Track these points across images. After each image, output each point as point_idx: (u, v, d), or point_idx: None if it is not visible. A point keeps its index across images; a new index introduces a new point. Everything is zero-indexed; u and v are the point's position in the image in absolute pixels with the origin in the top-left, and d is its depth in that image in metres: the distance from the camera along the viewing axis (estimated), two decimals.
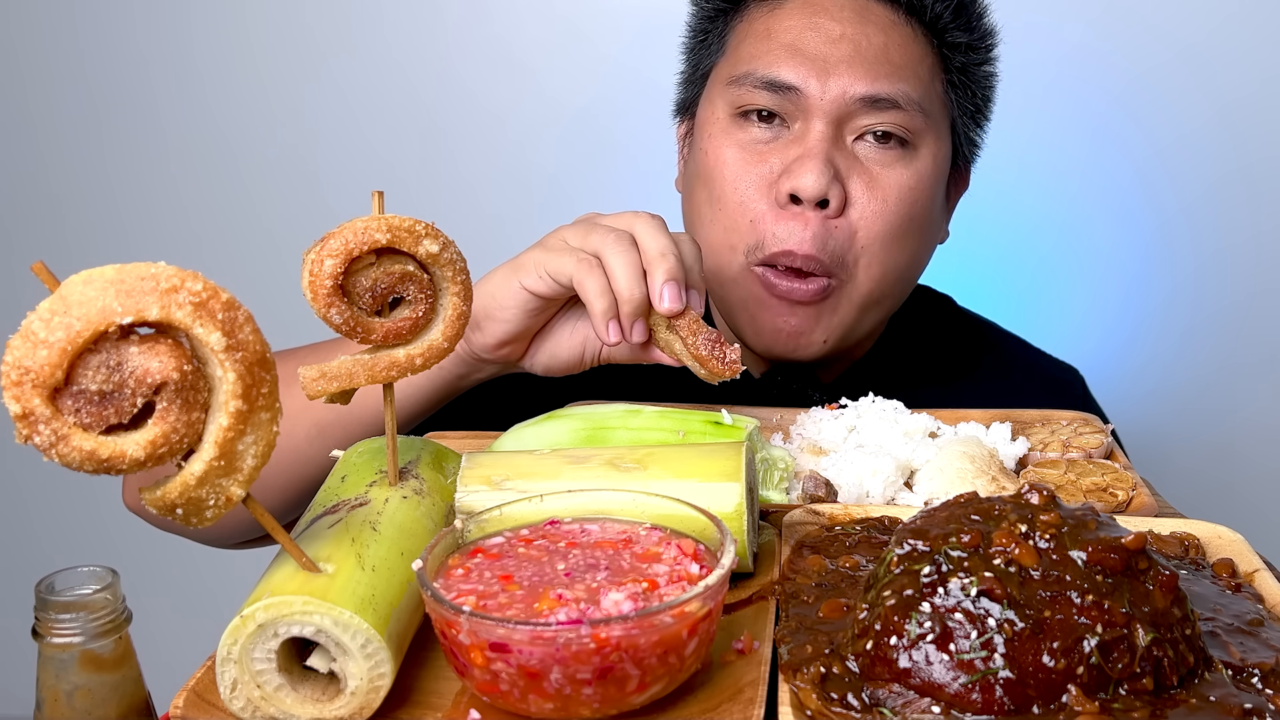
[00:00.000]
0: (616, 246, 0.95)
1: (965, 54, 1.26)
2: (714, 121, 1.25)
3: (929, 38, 1.24)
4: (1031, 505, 0.68)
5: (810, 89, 1.18)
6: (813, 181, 1.16)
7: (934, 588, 0.63)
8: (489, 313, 1.01)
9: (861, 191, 1.20)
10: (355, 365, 0.73)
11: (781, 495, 0.97)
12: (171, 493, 0.59)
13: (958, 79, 1.26)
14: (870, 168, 1.20)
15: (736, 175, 1.21)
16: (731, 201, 1.21)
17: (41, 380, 0.54)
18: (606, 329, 0.94)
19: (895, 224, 1.21)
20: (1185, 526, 0.84)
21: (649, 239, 0.95)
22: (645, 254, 0.94)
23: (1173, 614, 0.63)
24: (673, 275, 0.93)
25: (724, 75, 1.26)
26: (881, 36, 1.20)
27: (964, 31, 1.25)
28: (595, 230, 0.97)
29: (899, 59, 1.20)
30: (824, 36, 1.20)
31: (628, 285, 0.93)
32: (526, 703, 0.62)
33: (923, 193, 1.23)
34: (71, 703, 0.67)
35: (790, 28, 1.21)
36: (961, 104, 1.28)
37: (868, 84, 1.18)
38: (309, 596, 0.62)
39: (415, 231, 0.72)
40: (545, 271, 0.97)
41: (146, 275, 0.56)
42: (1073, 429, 1.09)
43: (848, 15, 1.21)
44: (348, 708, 0.64)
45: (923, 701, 0.61)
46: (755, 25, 1.25)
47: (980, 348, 1.48)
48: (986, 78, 1.30)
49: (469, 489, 0.79)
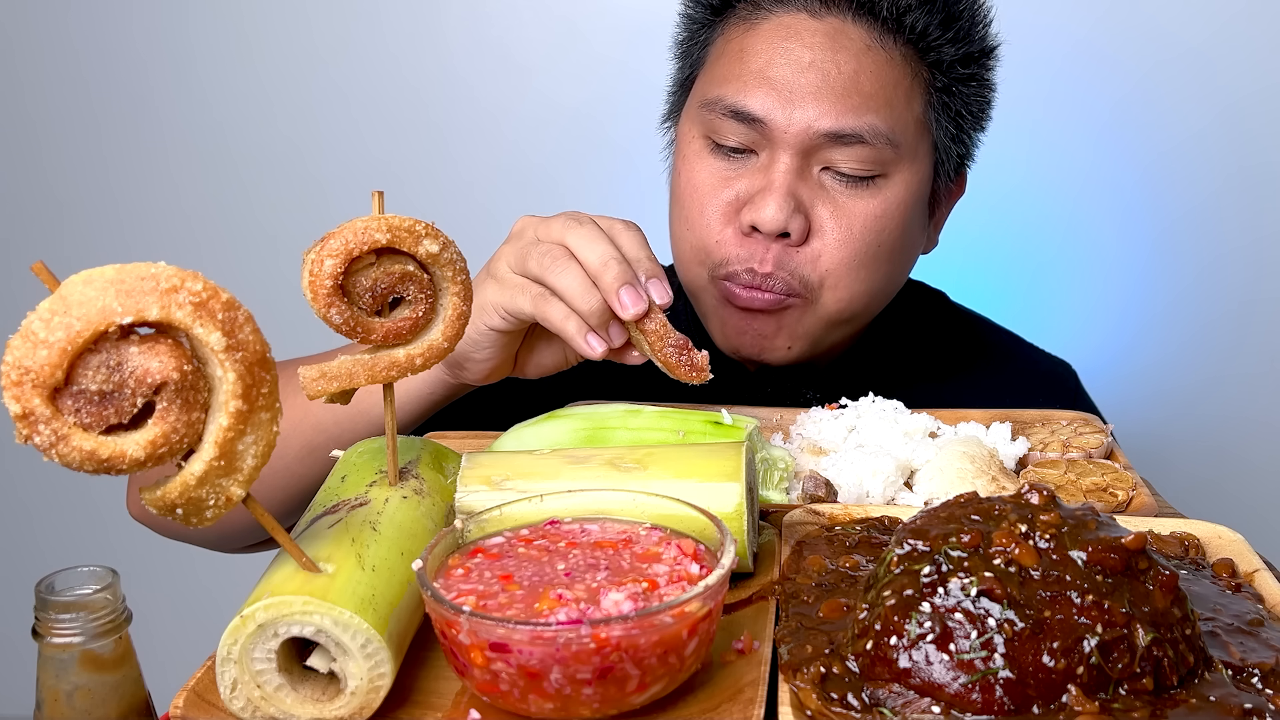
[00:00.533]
0: (555, 267, 0.94)
1: (955, 69, 1.22)
2: (688, 143, 1.25)
3: (911, 57, 1.20)
4: (1031, 505, 0.68)
5: (775, 120, 1.16)
6: (772, 215, 1.15)
7: (934, 588, 0.63)
8: (467, 355, 1.03)
9: (826, 218, 1.19)
10: (355, 365, 0.73)
11: (781, 495, 0.97)
12: (171, 493, 0.59)
13: (943, 98, 1.23)
14: (836, 197, 1.19)
15: (704, 200, 1.22)
16: (699, 224, 1.22)
17: (41, 380, 0.54)
18: (587, 344, 0.94)
19: (861, 250, 1.20)
20: (1185, 526, 0.84)
21: (585, 250, 0.94)
22: (587, 267, 0.93)
23: (1173, 614, 0.63)
24: (622, 280, 0.92)
25: (699, 93, 1.25)
26: (853, 64, 1.17)
27: (955, 45, 1.21)
28: (530, 255, 0.96)
29: (870, 88, 1.17)
30: (793, 64, 1.17)
31: (583, 299, 0.93)
32: (526, 703, 0.62)
33: (891, 220, 1.21)
34: (71, 703, 0.67)
35: (761, 52, 1.19)
36: (950, 119, 1.25)
37: (833, 119, 1.15)
38: (309, 596, 0.62)
39: (415, 231, 0.72)
40: (505, 311, 0.98)
41: (146, 275, 0.56)
42: (1073, 429, 1.09)
43: (819, 41, 1.17)
44: (348, 708, 0.64)
45: (923, 701, 0.61)
46: (731, 43, 1.23)
47: (973, 343, 1.48)
48: (982, 87, 1.27)
49: (469, 489, 0.79)
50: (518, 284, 0.97)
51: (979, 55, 1.25)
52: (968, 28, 1.23)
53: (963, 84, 1.24)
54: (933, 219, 1.33)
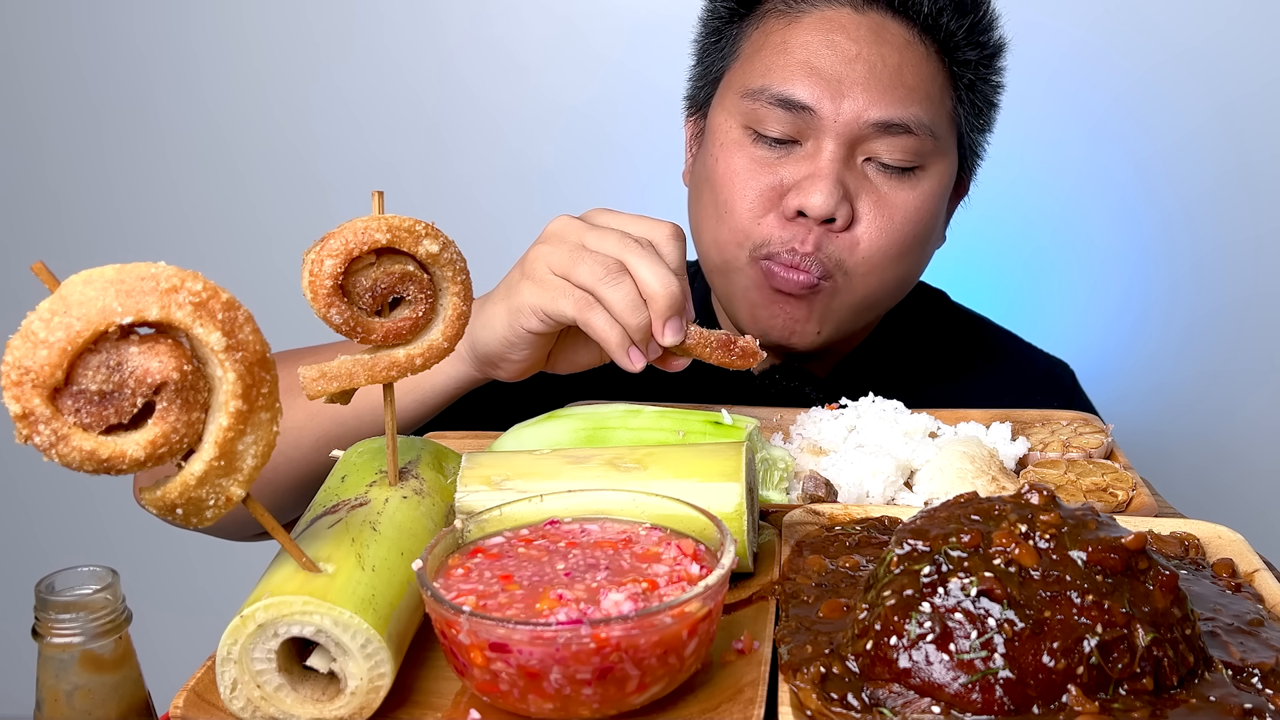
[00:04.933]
0: (609, 279, 0.93)
1: (974, 70, 1.27)
2: (725, 131, 1.26)
3: (940, 56, 1.24)
4: (1031, 505, 0.68)
5: (824, 109, 1.19)
6: (821, 201, 1.17)
7: (934, 588, 0.63)
8: (502, 355, 1.02)
9: (869, 209, 1.21)
10: (355, 365, 0.73)
11: (781, 495, 0.97)
12: (171, 493, 0.59)
13: (965, 95, 1.27)
14: (879, 188, 1.22)
15: (745, 187, 1.23)
16: (739, 209, 1.23)
17: (41, 380, 0.54)
18: (628, 358, 0.94)
19: (899, 240, 1.23)
20: (1185, 526, 0.84)
21: (643, 271, 0.93)
22: (642, 288, 0.93)
23: (1173, 614, 0.63)
24: (674, 310, 0.92)
25: (738, 84, 1.26)
26: (896, 57, 1.20)
27: (975, 48, 1.26)
28: (580, 262, 0.94)
29: (912, 80, 1.21)
30: (840, 55, 1.20)
31: (632, 315, 0.92)
32: (526, 703, 0.62)
33: (927, 211, 1.24)
34: (71, 703, 0.67)
35: (806, 43, 1.21)
36: (969, 118, 1.29)
37: (882, 109, 1.18)
38: (309, 596, 0.62)
39: (415, 231, 0.72)
40: (545, 314, 0.96)
41: (146, 275, 0.56)
42: (1073, 429, 1.09)
43: (864, 34, 1.21)
44: (348, 708, 0.64)
45: (923, 701, 0.61)
46: (772, 36, 1.25)
47: (973, 343, 1.49)
48: (994, 89, 1.31)
49: (469, 489, 0.79)
50: (559, 287, 0.95)
51: (992, 58, 1.29)
52: (985, 29, 1.27)
53: (983, 83, 1.28)
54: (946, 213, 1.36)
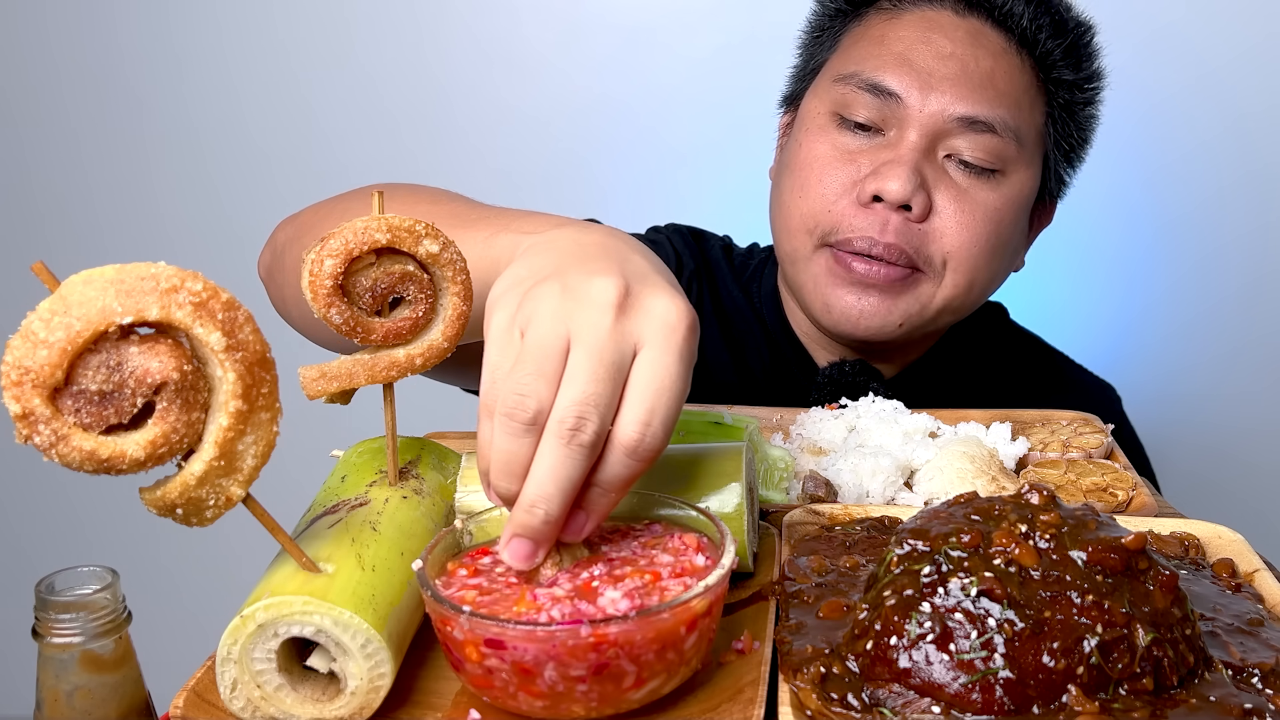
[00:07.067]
0: (511, 423, 0.63)
1: (1069, 92, 1.28)
2: (814, 117, 1.28)
3: (1036, 71, 1.26)
4: (1031, 505, 0.68)
5: (911, 99, 1.21)
6: (898, 186, 1.18)
7: (934, 588, 0.63)
8: None
9: (948, 202, 1.22)
10: (355, 365, 0.73)
11: (781, 495, 0.97)
12: (171, 493, 0.59)
13: (1059, 115, 1.28)
14: (958, 183, 1.23)
15: (825, 171, 1.24)
16: (815, 193, 1.25)
17: (41, 380, 0.54)
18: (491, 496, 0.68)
19: (981, 237, 1.23)
20: (1185, 526, 0.84)
21: (544, 465, 0.63)
22: (532, 477, 0.63)
23: (1173, 614, 0.63)
24: (531, 535, 0.64)
25: (832, 71, 1.29)
26: (990, 61, 1.22)
27: (1071, 69, 1.27)
28: (522, 367, 0.64)
29: (1003, 86, 1.22)
30: (934, 52, 1.22)
31: (500, 479, 0.65)
32: (517, 700, 0.62)
33: (1007, 215, 1.25)
34: (71, 703, 0.67)
35: (904, 38, 1.24)
36: (1058, 140, 1.30)
37: (968, 105, 1.20)
38: (309, 596, 0.62)
39: (415, 231, 0.72)
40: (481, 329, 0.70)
41: (146, 275, 0.56)
42: (1073, 429, 1.09)
43: (961, 36, 1.23)
44: (348, 708, 0.64)
45: (923, 701, 0.61)
46: (871, 30, 1.28)
47: (1033, 363, 1.50)
48: (1088, 119, 1.32)
49: (469, 489, 0.79)
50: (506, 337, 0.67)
51: (1090, 87, 1.30)
52: (1085, 55, 1.29)
53: (1078, 109, 1.30)
54: (1029, 234, 1.36)
